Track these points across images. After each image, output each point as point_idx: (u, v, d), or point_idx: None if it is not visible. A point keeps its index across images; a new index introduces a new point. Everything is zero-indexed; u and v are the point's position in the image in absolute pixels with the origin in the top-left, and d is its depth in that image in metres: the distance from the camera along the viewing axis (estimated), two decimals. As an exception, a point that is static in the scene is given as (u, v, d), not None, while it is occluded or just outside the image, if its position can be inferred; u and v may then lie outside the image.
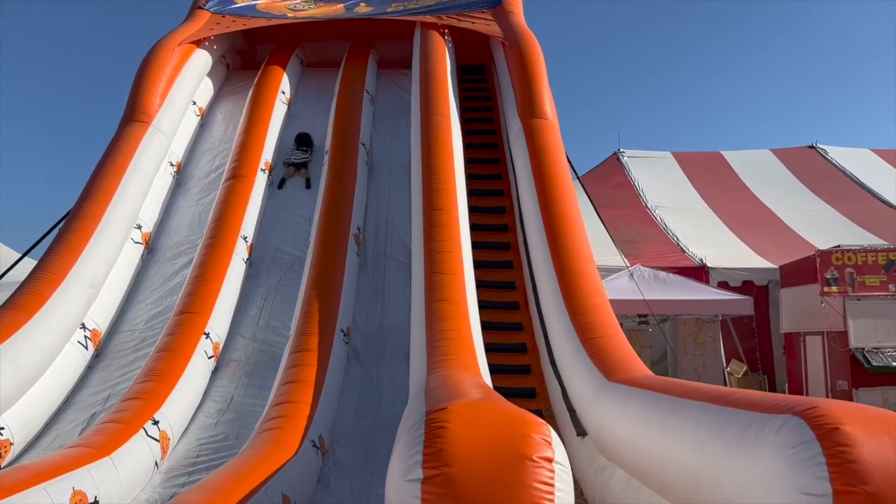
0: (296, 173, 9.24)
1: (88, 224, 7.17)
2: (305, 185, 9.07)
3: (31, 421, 5.87)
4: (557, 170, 8.06)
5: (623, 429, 4.31)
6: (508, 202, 9.15)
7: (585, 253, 7.12)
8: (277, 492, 4.25)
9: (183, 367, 6.27)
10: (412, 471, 2.36)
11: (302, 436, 5.30)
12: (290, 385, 5.94)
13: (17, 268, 9.46)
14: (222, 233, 7.72)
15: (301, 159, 9.28)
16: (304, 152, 9.34)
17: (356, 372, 6.89)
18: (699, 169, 17.46)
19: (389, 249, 8.27)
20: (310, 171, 9.24)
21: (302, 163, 9.27)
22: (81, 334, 6.74)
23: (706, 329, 11.78)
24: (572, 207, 7.63)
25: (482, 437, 2.41)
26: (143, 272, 7.99)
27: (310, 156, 9.36)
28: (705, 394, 3.49)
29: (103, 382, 6.59)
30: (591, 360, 5.46)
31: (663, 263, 12.44)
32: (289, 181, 9.23)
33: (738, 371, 11.98)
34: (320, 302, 6.90)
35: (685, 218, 14.78)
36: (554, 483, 2.34)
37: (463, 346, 5.39)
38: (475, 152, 9.74)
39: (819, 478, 2.40)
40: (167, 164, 8.94)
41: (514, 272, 8.31)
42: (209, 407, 6.44)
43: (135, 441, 5.21)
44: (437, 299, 6.12)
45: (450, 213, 7.30)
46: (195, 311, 6.83)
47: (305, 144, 9.43)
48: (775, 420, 2.68)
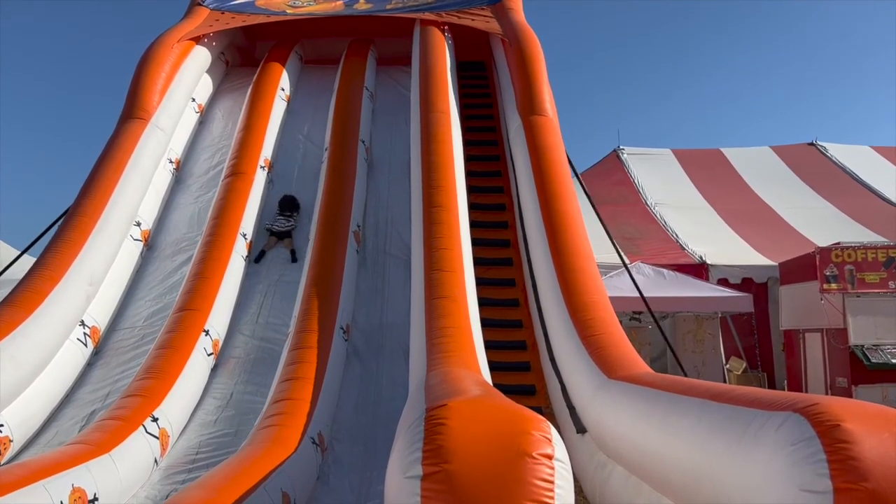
0: (278, 243, 8.14)
1: (87, 221, 7.16)
2: (291, 257, 8.00)
3: (31, 418, 5.87)
4: (557, 167, 8.05)
5: (623, 426, 4.31)
6: (508, 199, 9.14)
7: (585, 250, 7.12)
8: (277, 489, 4.24)
9: (182, 364, 6.27)
10: (412, 468, 2.36)
11: (301, 433, 5.29)
12: (290, 382, 5.93)
13: (17, 265, 9.45)
14: (222, 230, 7.71)
15: (285, 227, 8.19)
16: (289, 218, 8.27)
17: (356, 369, 6.89)
18: (699, 166, 17.46)
19: (389, 246, 8.27)
20: (296, 241, 8.15)
21: (286, 231, 8.18)
22: (81, 331, 6.74)
23: (706, 326, 11.78)
24: (572, 205, 7.63)
25: (482, 433, 2.40)
26: (143, 269, 7.98)
27: (295, 222, 8.29)
28: (705, 391, 3.49)
29: (103, 380, 6.59)
30: (590, 358, 5.45)
31: (663, 261, 12.45)
32: (269, 253, 8.07)
33: (737, 368, 11.99)
34: (320, 299, 6.89)
35: (685, 215, 14.79)
36: (554, 480, 2.34)
37: (463, 344, 5.38)
38: (475, 149, 9.72)
39: (820, 475, 2.40)
40: (166, 161, 8.93)
41: (514, 269, 8.30)
42: (209, 404, 6.44)
43: (134, 438, 5.21)
44: (436, 296, 6.12)
45: (449, 210, 7.29)
46: (194, 308, 6.82)
47: (290, 209, 8.34)
48: (776, 417, 2.68)
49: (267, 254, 8.07)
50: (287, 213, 8.29)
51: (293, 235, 8.19)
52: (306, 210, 8.40)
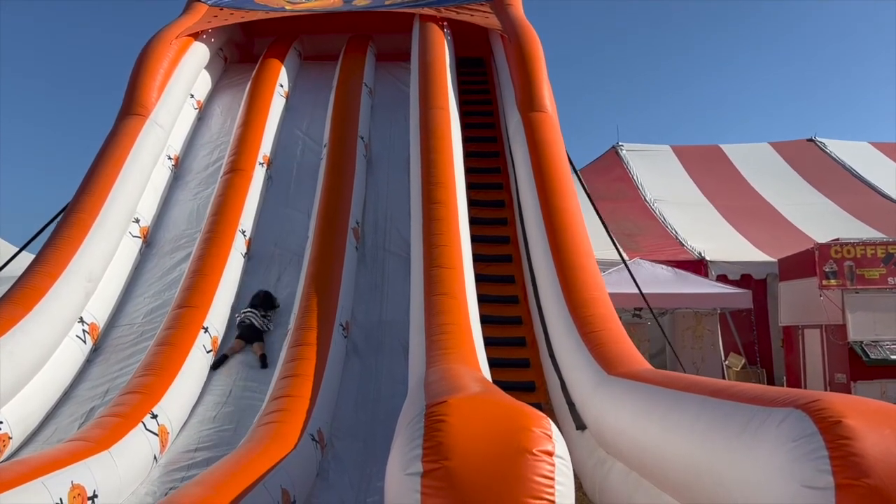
0: (245, 347, 6.81)
1: (86, 218, 7.14)
2: (260, 363, 6.70)
3: (30, 415, 5.86)
4: (557, 163, 8.04)
5: (623, 422, 4.31)
6: (508, 196, 9.13)
7: (585, 247, 7.11)
8: (277, 486, 4.24)
9: (181, 361, 6.26)
10: (412, 464, 2.35)
11: (301, 430, 5.29)
12: (289, 379, 5.92)
13: (15, 262, 9.43)
14: (220, 227, 7.69)
15: (260, 325, 6.93)
16: (264, 318, 7.00)
17: (355, 366, 6.88)
18: (698, 162, 17.46)
19: (388, 243, 8.26)
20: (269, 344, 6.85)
21: (257, 331, 6.90)
22: (80, 328, 6.72)
23: (705, 322, 11.78)
24: (572, 201, 7.62)
25: (482, 430, 2.40)
26: (142, 266, 7.97)
27: (269, 323, 7.05)
28: (705, 387, 3.48)
29: (102, 376, 6.57)
30: (590, 354, 5.45)
31: (662, 257, 12.45)
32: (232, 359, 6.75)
33: (736, 364, 11.99)
34: (319, 296, 6.88)
35: (684, 211, 14.78)
36: (554, 476, 2.33)
37: (462, 340, 5.37)
38: (474, 146, 9.71)
39: (821, 471, 2.39)
40: (165, 158, 8.91)
41: (514, 266, 8.29)
42: (208, 401, 6.43)
43: (133, 435, 5.20)
44: (436, 293, 6.11)
45: (449, 206, 7.28)
46: (193, 305, 6.81)
47: (266, 307, 7.11)
48: (777, 413, 2.67)
49: (229, 359, 6.72)
50: (261, 311, 7.03)
51: (265, 338, 6.89)
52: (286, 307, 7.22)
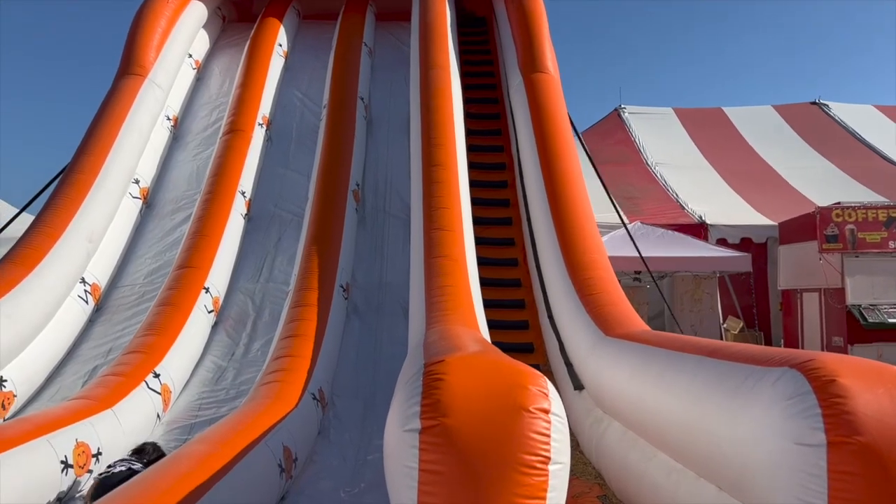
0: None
1: (86, 178, 7.12)
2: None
3: (34, 374, 5.91)
4: (558, 125, 7.99)
5: (620, 382, 4.35)
6: (508, 158, 9.09)
7: (585, 209, 7.11)
8: (278, 443, 4.30)
9: (183, 321, 6.30)
10: (410, 421, 2.38)
11: (302, 389, 5.34)
12: (290, 339, 5.97)
13: (16, 223, 9.42)
14: (220, 188, 7.68)
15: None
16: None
17: (355, 327, 6.93)
18: (700, 125, 17.33)
19: (388, 205, 8.25)
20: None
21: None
22: (81, 288, 6.75)
23: (704, 286, 11.82)
24: (573, 164, 7.59)
25: (479, 388, 2.43)
26: (142, 227, 7.97)
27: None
28: (702, 347, 3.51)
29: (104, 336, 6.62)
30: (588, 316, 5.49)
31: (662, 220, 12.43)
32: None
33: (734, 327, 12.06)
34: (319, 258, 6.90)
35: (685, 175, 14.72)
36: (550, 433, 2.37)
37: (461, 302, 5.39)
38: (475, 107, 9.64)
39: (814, 429, 2.43)
40: (164, 118, 8.85)
41: (514, 228, 8.29)
42: (210, 361, 6.50)
43: (136, 394, 5.26)
44: (435, 255, 6.12)
45: (449, 168, 7.24)
46: (194, 265, 6.84)
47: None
48: (772, 373, 2.70)
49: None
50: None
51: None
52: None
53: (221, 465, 3.53)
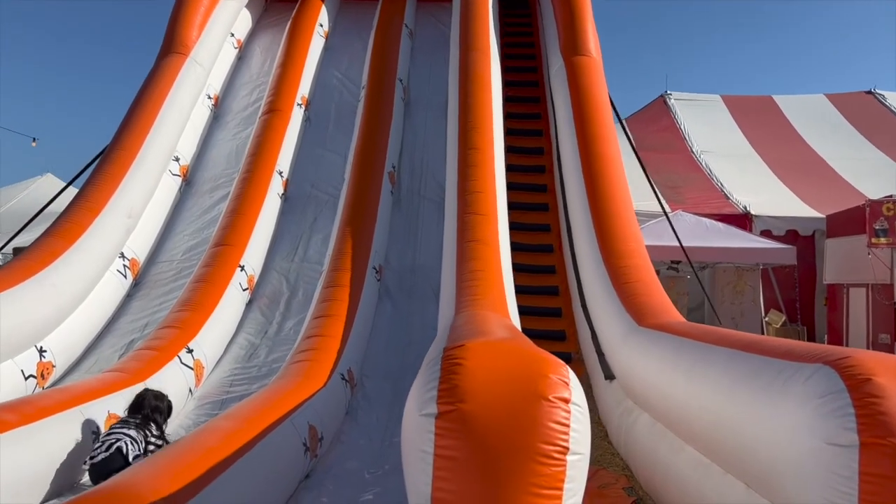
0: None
1: (126, 155, 7.23)
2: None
3: (73, 345, 6.05)
4: (598, 110, 7.84)
5: (650, 373, 4.26)
6: (547, 143, 8.96)
7: (623, 197, 6.96)
8: (304, 422, 4.32)
9: (218, 298, 6.39)
10: (427, 405, 2.34)
11: (331, 369, 5.37)
12: (322, 319, 6.00)
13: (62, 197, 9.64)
14: (258, 167, 7.73)
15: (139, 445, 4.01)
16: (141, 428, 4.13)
17: (387, 309, 6.93)
18: (749, 113, 16.85)
19: (424, 188, 8.21)
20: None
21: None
22: (120, 263, 6.88)
23: (746, 278, 11.54)
24: (612, 149, 7.44)
25: (499, 375, 2.37)
26: (181, 204, 8.08)
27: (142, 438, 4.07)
28: (735, 341, 3.40)
29: (142, 311, 6.75)
30: (622, 305, 5.38)
31: (706, 210, 12.15)
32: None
33: (776, 321, 11.76)
34: (353, 239, 6.91)
35: (731, 164, 14.35)
36: (569, 423, 2.30)
37: (492, 287, 5.34)
38: (515, 90, 9.51)
39: (847, 429, 2.33)
40: (205, 97, 8.93)
41: (550, 214, 8.18)
42: (243, 338, 6.57)
43: (169, 368, 5.35)
44: (468, 239, 6.06)
45: (485, 152, 7.17)
46: (230, 243, 6.91)
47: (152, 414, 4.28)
48: (805, 369, 2.60)
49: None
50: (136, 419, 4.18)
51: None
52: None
53: (245, 441, 3.56)
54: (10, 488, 3.53)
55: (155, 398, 4.28)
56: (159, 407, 4.26)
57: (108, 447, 3.91)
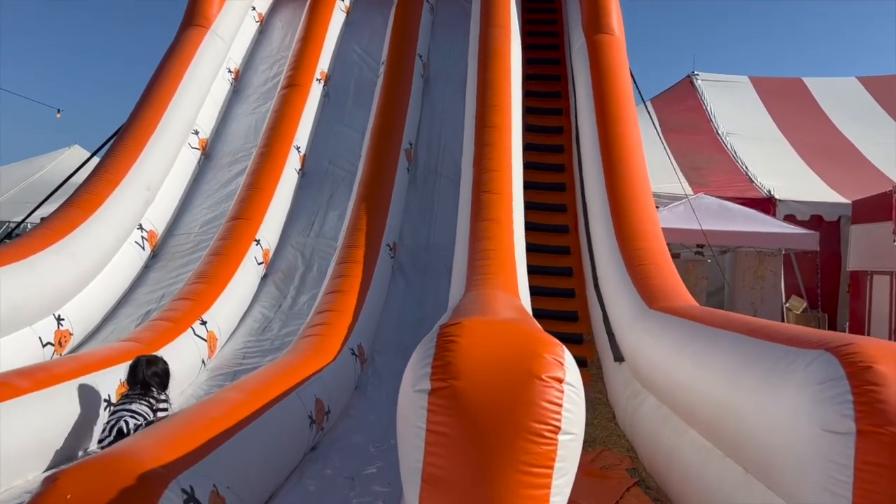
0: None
1: (146, 128, 7.29)
2: None
3: (91, 314, 6.16)
4: (619, 89, 7.73)
5: (658, 356, 4.24)
6: (567, 122, 8.86)
7: (641, 178, 6.89)
8: (311, 395, 4.36)
9: (233, 271, 6.45)
10: (421, 382, 2.35)
11: (341, 344, 5.41)
12: (334, 295, 6.03)
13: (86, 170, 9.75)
14: (276, 142, 7.76)
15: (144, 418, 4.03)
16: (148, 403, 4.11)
17: (400, 286, 6.95)
18: (777, 95, 16.52)
19: (440, 166, 8.19)
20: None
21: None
22: (139, 234, 6.97)
23: (767, 263, 11.38)
24: (631, 130, 7.34)
25: (493, 353, 2.37)
26: (200, 177, 8.14)
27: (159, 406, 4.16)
28: (742, 325, 3.37)
29: (159, 282, 6.83)
30: (634, 287, 5.35)
31: (729, 193, 11.98)
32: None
33: (797, 307, 11.61)
34: (368, 216, 6.92)
35: (757, 147, 14.10)
36: (562, 403, 2.29)
37: (504, 267, 5.32)
38: (536, 68, 9.40)
39: (844, 416, 2.29)
40: (225, 71, 8.95)
41: (567, 195, 8.12)
42: (257, 311, 6.64)
43: (183, 339, 5.42)
44: (482, 218, 6.04)
45: (502, 130, 7.11)
46: (246, 217, 6.96)
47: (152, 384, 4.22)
48: (806, 355, 2.56)
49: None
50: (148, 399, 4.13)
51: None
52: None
53: (250, 412, 3.61)
54: (20, 453, 3.62)
55: (148, 364, 4.23)
56: (156, 372, 4.24)
57: (110, 430, 3.94)
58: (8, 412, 3.62)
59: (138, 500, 2.49)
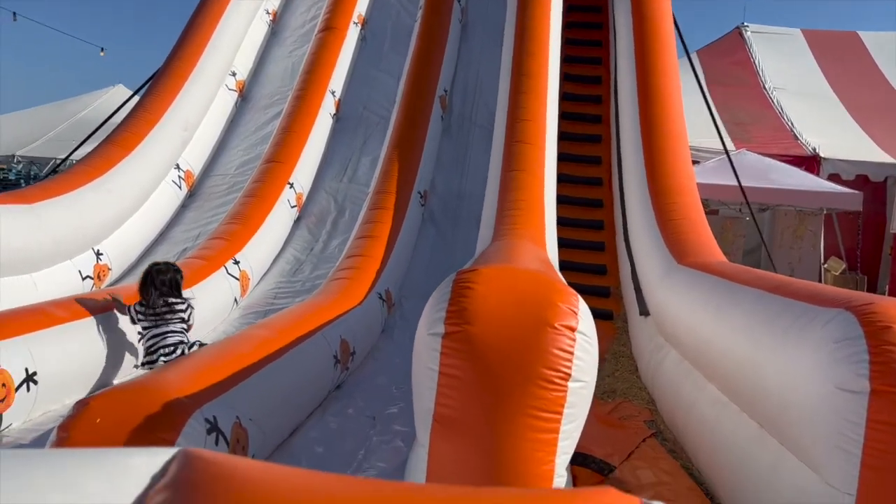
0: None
1: (184, 67, 7.34)
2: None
3: (129, 251, 6.33)
4: (661, 39, 7.52)
5: (681, 311, 4.23)
6: (605, 72, 8.68)
7: (678, 131, 6.75)
8: (336, 335, 4.46)
9: (266, 213, 6.55)
10: (435, 325, 2.40)
11: (369, 288, 5.50)
12: (363, 240, 6.11)
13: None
14: (311, 86, 7.76)
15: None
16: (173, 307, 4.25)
17: (430, 234, 6.99)
18: (830, 50, 15.88)
19: (475, 114, 8.12)
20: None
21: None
22: (176, 174, 7.09)
23: (807, 222, 11.12)
24: (671, 81, 7.16)
25: (507, 299, 2.40)
26: (237, 119, 8.21)
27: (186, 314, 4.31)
28: (767, 282, 3.33)
29: (195, 221, 6.97)
30: (664, 242, 5.30)
31: (772, 150, 11.68)
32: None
33: (835, 269, 11.38)
34: (400, 163, 6.93)
35: (805, 102, 13.65)
36: (574, 351, 2.32)
37: (532, 218, 5.30)
38: (576, 15, 9.18)
39: (859, 375, 2.28)
40: (263, 13, 8.93)
41: (602, 146, 8.01)
42: (289, 253, 6.76)
43: (216, 278, 5.56)
44: (513, 168, 6.00)
45: (539, 79, 6.98)
46: (281, 160, 7.03)
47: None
48: (826, 313, 2.54)
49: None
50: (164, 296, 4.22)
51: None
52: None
53: (276, 349, 3.71)
54: (56, 379, 3.79)
55: (159, 273, 4.21)
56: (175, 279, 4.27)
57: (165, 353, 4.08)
58: (46, 340, 3.79)
59: (163, 428, 2.61)
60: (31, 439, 3.55)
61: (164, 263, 4.38)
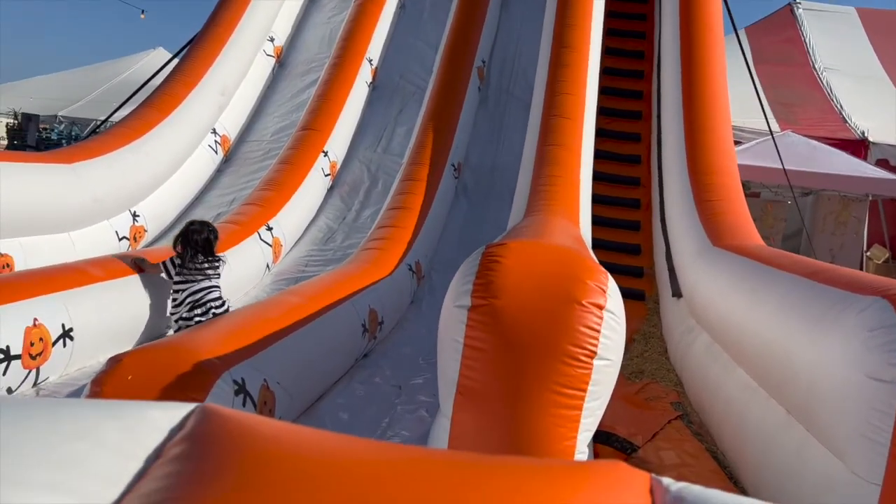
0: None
1: (223, 32, 7.36)
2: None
3: (165, 213, 6.44)
4: (708, 13, 7.32)
5: (714, 293, 4.16)
6: (649, 47, 8.49)
7: (721, 110, 6.59)
8: (365, 304, 4.49)
9: (300, 180, 6.59)
10: (462, 298, 2.39)
11: (399, 259, 5.51)
12: (396, 211, 6.11)
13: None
14: (348, 53, 7.73)
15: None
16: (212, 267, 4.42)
17: (462, 207, 6.97)
18: (885, 29, 15.32)
19: (513, 87, 8.02)
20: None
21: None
22: (212, 139, 7.15)
23: (852, 208, 10.84)
24: (716, 58, 6.98)
25: (535, 274, 2.38)
26: (274, 85, 8.23)
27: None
28: (803, 267, 3.26)
29: (230, 186, 7.05)
30: (700, 223, 5.21)
31: (819, 132, 11.36)
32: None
33: (878, 257, 11.09)
34: (435, 134, 6.90)
35: (855, 84, 13.22)
36: (600, 329, 2.30)
37: (566, 194, 5.24)
38: (621, -12, 8.97)
39: (892, 364, 2.22)
40: (303, -22, 8.89)
41: (642, 123, 7.86)
42: (322, 222, 6.80)
43: (249, 243, 5.62)
44: (550, 143, 5.92)
45: (580, 52, 6.85)
46: (316, 128, 7.04)
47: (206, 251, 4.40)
48: (862, 301, 2.47)
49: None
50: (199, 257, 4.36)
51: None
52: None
53: (305, 315, 3.75)
54: (92, 336, 3.88)
55: (194, 233, 4.33)
56: (206, 238, 4.37)
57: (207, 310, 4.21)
58: (83, 298, 3.87)
59: (192, 386, 2.66)
60: (66, 393, 3.65)
61: (200, 223, 4.49)
